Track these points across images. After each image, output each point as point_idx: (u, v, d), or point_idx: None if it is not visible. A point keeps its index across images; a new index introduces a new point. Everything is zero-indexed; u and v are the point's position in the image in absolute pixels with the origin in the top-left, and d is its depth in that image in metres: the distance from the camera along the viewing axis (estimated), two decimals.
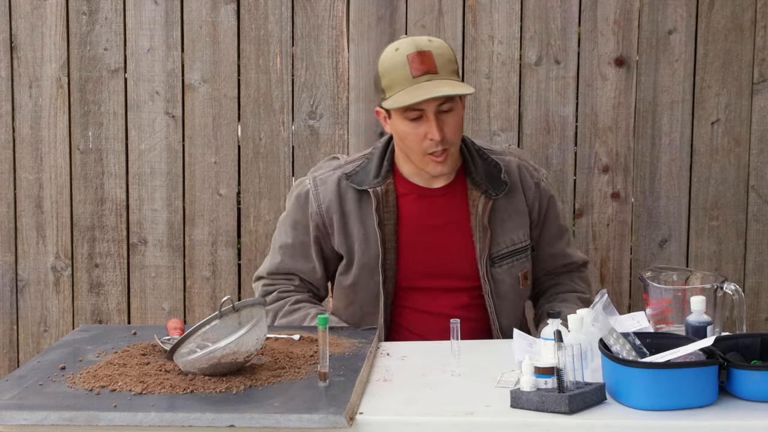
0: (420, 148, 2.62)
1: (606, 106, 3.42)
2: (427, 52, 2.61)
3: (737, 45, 3.38)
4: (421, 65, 2.59)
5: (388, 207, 2.70)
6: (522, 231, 2.75)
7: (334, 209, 2.72)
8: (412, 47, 2.62)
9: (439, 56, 2.62)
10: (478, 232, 2.69)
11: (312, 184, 2.76)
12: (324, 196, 2.73)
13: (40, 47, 3.50)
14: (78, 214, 3.55)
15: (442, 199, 2.73)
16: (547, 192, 2.80)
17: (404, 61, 2.60)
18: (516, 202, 2.75)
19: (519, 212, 2.75)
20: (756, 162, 3.43)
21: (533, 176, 2.79)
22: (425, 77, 2.59)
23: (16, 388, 2.12)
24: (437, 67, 2.60)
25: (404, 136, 2.64)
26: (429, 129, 2.59)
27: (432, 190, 2.73)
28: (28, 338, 3.60)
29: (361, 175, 2.73)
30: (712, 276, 2.41)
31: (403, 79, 2.59)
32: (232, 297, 2.23)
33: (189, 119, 3.50)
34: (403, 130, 2.63)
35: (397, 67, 2.61)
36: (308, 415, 1.94)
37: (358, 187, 2.71)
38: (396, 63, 2.62)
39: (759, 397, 2.01)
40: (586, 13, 3.40)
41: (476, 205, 2.69)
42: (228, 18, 3.46)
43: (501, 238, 2.72)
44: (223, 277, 3.53)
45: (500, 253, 2.72)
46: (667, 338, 2.17)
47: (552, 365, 2.00)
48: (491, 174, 2.73)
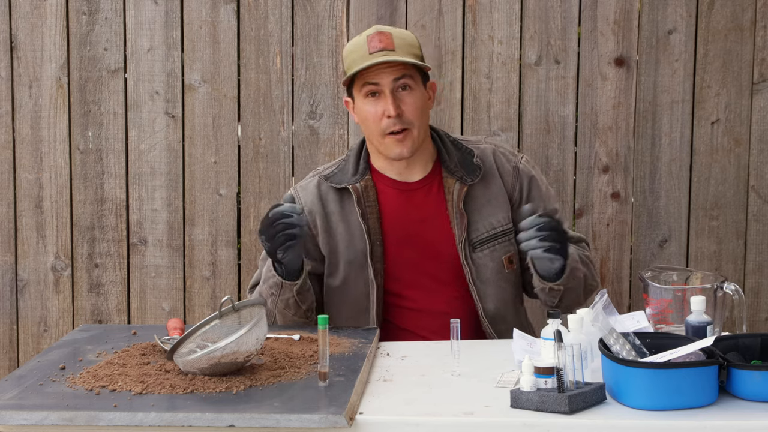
0: (379, 127, 2.65)
1: (606, 106, 3.42)
2: (387, 33, 2.68)
3: (737, 45, 3.38)
4: (379, 43, 2.65)
5: (369, 201, 2.73)
6: (502, 215, 2.74)
7: (316, 210, 2.75)
8: (372, 30, 2.70)
9: (400, 38, 2.68)
10: (455, 218, 2.70)
11: (294, 191, 2.82)
12: (306, 199, 2.76)
13: (40, 47, 3.50)
14: (78, 214, 3.55)
15: (420, 192, 2.75)
16: (526, 173, 2.78)
17: (363, 41, 2.67)
18: (493, 187, 2.75)
19: (497, 197, 2.75)
20: (756, 162, 3.43)
21: (510, 160, 2.79)
22: (381, 53, 2.64)
23: (16, 388, 2.12)
24: (395, 46, 2.65)
25: (365, 117, 2.67)
26: (386, 105, 2.63)
27: (409, 184, 2.75)
28: (28, 338, 3.60)
29: (339, 175, 2.77)
30: (712, 276, 2.41)
31: (360, 56, 2.65)
32: (232, 297, 2.23)
33: (189, 119, 3.50)
34: (364, 110, 2.67)
35: (357, 48, 2.67)
36: (308, 415, 1.94)
37: (337, 186, 2.74)
38: (356, 44, 2.69)
39: (759, 397, 2.01)
40: (586, 13, 3.40)
41: (451, 192, 2.71)
42: (228, 18, 3.46)
43: (480, 224, 2.72)
44: (223, 277, 3.53)
45: (480, 238, 2.72)
46: (667, 338, 2.17)
47: (552, 365, 2.00)
48: (465, 161, 2.75)
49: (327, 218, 2.75)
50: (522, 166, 2.79)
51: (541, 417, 1.96)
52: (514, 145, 3.43)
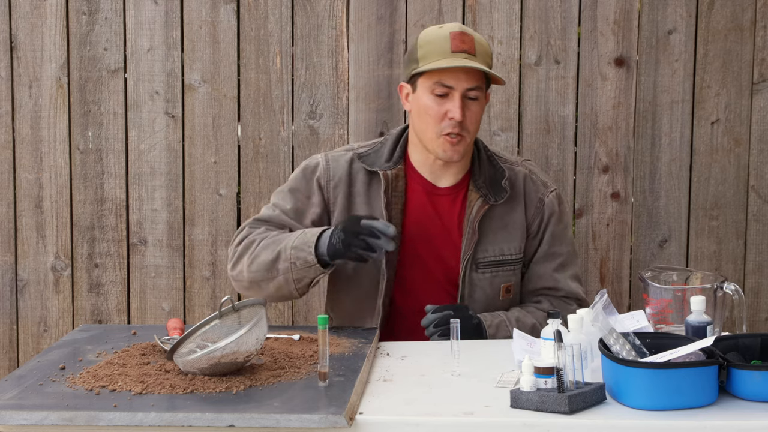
0: (438, 126, 2.62)
1: (606, 106, 3.42)
2: (470, 35, 2.64)
3: (737, 45, 3.38)
4: (462, 44, 2.61)
5: (396, 192, 2.70)
6: (514, 244, 2.73)
7: (341, 188, 2.72)
8: (456, 27, 2.65)
9: (480, 45, 2.65)
10: (467, 233, 2.68)
11: (323, 159, 2.77)
12: (334, 172, 2.73)
13: (40, 47, 3.50)
14: (78, 214, 3.55)
15: (445, 199, 2.72)
16: (550, 208, 2.76)
17: (446, 36, 2.62)
18: (515, 213, 2.73)
19: (516, 224, 2.73)
20: (756, 162, 3.43)
21: (539, 190, 2.76)
22: (463, 55, 2.60)
23: (16, 388, 2.12)
24: (476, 52, 2.62)
25: (425, 110, 2.63)
26: (452, 107, 2.59)
27: (437, 188, 2.73)
28: (28, 338, 3.60)
29: (373, 157, 2.74)
30: (712, 276, 2.41)
31: (441, 51, 2.61)
32: (232, 297, 2.23)
33: (189, 119, 3.50)
34: (426, 103, 2.62)
35: (438, 40, 2.62)
36: (308, 415, 1.94)
37: (369, 168, 2.71)
38: (437, 36, 2.63)
39: (759, 397, 2.01)
40: (586, 13, 3.40)
41: (471, 206, 2.69)
42: (228, 18, 3.46)
43: (490, 246, 2.70)
44: (223, 277, 3.53)
45: (485, 260, 2.70)
46: (667, 338, 2.17)
47: (552, 365, 2.00)
48: (495, 180, 2.72)
49: (350, 197, 2.72)
50: (548, 200, 2.76)
51: (541, 417, 1.96)
52: (514, 145, 3.43)
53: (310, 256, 2.54)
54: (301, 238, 2.58)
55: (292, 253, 2.57)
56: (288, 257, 2.57)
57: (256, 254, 2.63)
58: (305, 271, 2.56)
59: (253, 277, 2.63)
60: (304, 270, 2.56)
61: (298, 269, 2.57)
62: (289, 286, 2.60)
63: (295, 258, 2.56)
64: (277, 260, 2.59)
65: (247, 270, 2.64)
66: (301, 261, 2.56)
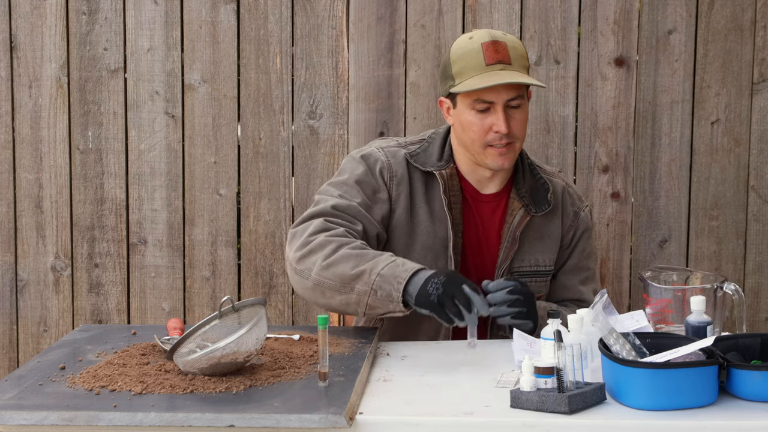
0: (483, 139, 2.57)
1: (606, 106, 3.42)
2: (502, 42, 2.58)
3: (737, 45, 3.38)
4: (496, 54, 2.56)
5: (454, 191, 2.65)
6: (549, 255, 2.71)
7: (404, 186, 2.65)
8: (486, 36, 2.59)
9: (513, 49, 2.59)
10: (506, 241, 2.65)
11: (383, 153, 2.67)
12: (396, 169, 2.65)
13: (39, 47, 3.50)
14: (78, 214, 3.55)
15: (488, 207, 2.70)
16: (585, 223, 2.76)
17: (478, 49, 2.56)
18: (552, 225, 2.72)
19: (552, 236, 2.71)
20: (756, 162, 3.43)
21: (575, 204, 2.76)
22: (499, 66, 2.55)
23: (16, 388, 2.12)
24: (511, 59, 2.57)
25: (468, 126, 2.58)
26: (496, 121, 2.55)
27: (481, 195, 2.69)
28: (27, 338, 3.60)
29: (423, 156, 2.68)
30: (712, 276, 2.41)
31: (476, 65, 2.55)
32: (232, 297, 2.23)
33: (189, 119, 3.50)
34: (469, 120, 2.58)
35: (471, 54, 2.57)
36: (308, 415, 1.94)
37: (422, 168, 2.66)
38: (470, 50, 2.58)
39: (759, 397, 2.01)
40: (586, 13, 3.40)
41: (513, 215, 2.66)
42: (228, 18, 3.46)
43: (527, 256, 2.69)
44: (223, 277, 3.53)
45: (521, 270, 2.68)
46: (667, 338, 2.17)
47: (552, 365, 2.00)
48: (537, 191, 2.70)
49: (412, 197, 2.65)
50: (583, 215, 2.76)
51: (541, 417, 1.96)
52: None
53: (396, 293, 2.37)
54: (391, 268, 2.39)
55: (377, 280, 2.39)
56: (371, 281, 2.39)
57: (334, 261, 2.44)
58: (384, 302, 2.39)
59: (322, 283, 2.45)
60: (383, 302, 2.39)
61: (378, 299, 2.39)
62: (359, 308, 2.44)
63: (378, 287, 2.38)
64: (356, 279, 2.41)
65: (317, 272, 2.46)
66: (384, 293, 2.38)
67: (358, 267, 2.41)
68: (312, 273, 2.46)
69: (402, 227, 2.64)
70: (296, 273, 2.50)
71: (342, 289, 2.43)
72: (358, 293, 2.41)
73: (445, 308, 2.32)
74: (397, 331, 2.70)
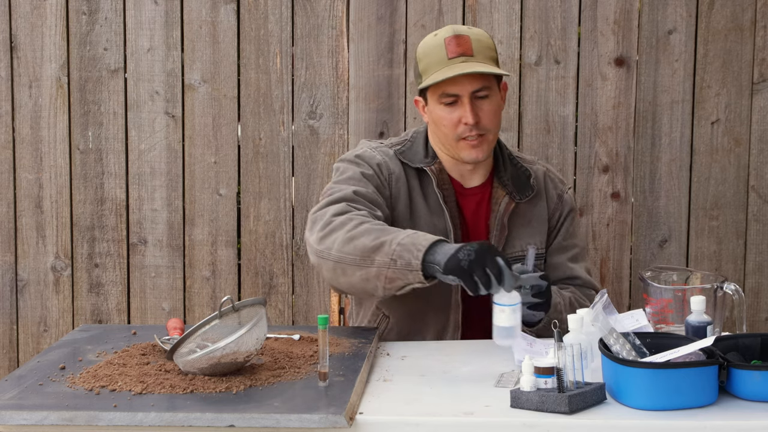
0: (454, 132, 2.60)
1: (606, 106, 3.42)
2: (465, 36, 2.60)
3: (737, 45, 3.38)
4: (457, 47, 2.58)
5: (445, 185, 2.68)
6: (538, 238, 2.73)
7: (402, 182, 2.67)
8: (450, 32, 2.62)
9: (477, 41, 2.61)
10: (495, 229, 2.67)
11: (378, 152, 2.69)
12: (393, 167, 2.67)
13: (40, 47, 3.50)
14: (78, 214, 3.55)
15: (473, 200, 2.71)
16: (569, 204, 2.79)
17: (441, 44, 2.60)
18: (538, 209, 2.74)
19: (539, 219, 2.73)
20: (756, 162, 3.43)
21: (557, 187, 2.78)
22: (460, 59, 2.57)
23: (16, 388, 2.12)
24: (473, 51, 2.59)
25: (439, 120, 2.61)
26: (463, 113, 2.57)
27: (465, 189, 2.72)
28: (28, 338, 3.60)
29: (410, 154, 2.71)
30: (712, 276, 2.41)
31: (439, 60, 2.59)
32: (232, 297, 2.23)
33: (189, 119, 3.50)
34: (439, 114, 2.61)
35: (434, 50, 2.60)
36: (308, 415, 1.94)
37: (411, 164, 2.68)
38: (433, 46, 2.61)
39: (759, 397, 2.01)
40: (586, 13, 3.40)
41: (499, 203, 2.68)
42: (228, 18, 3.46)
43: (517, 241, 2.70)
44: (223, 277, 3.53)
45: (513, 256, 2.68)
46: (667, 338, 2.17)
47: (552, 365, 2.00)
48: (518, 178, 2.72)
49: (410, 194, 2.68)
50: (567, 197, 2.80)
51: (541, 417, 1.96)
52: (514, 145, 3.43)
53: (415, 260, 2.30)
54: (412, 238, 2.34)
55: (397, 250, 2.32)
56: (390, 252, 2.33)
57: (354, 235, 2.39)
58: (403, 273, 2.32)
59: (343, 258, 2.39)
60: (403, 272, 2.32)
61: (397, 268, 2.32)
62: (379, 282, 2.37)
63: (398, 256, 2.32)
64: (377, 250, 2.35)
65: (338, 248, 2.40)
66: (404, 261, 2.31)
67: (378, 239, 2.36)
68: (332, 251, 2.41)
69: (404, 223, 2.65)
70: (317, 255, 2.45)
71: (362, 262, 2.36)
72: (378, 265, 2.34)
73: (474, 275, 2.23)
74: (403, 325, 2.69)
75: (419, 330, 2.68)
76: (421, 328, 2.68)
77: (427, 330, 2.68)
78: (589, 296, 2.72)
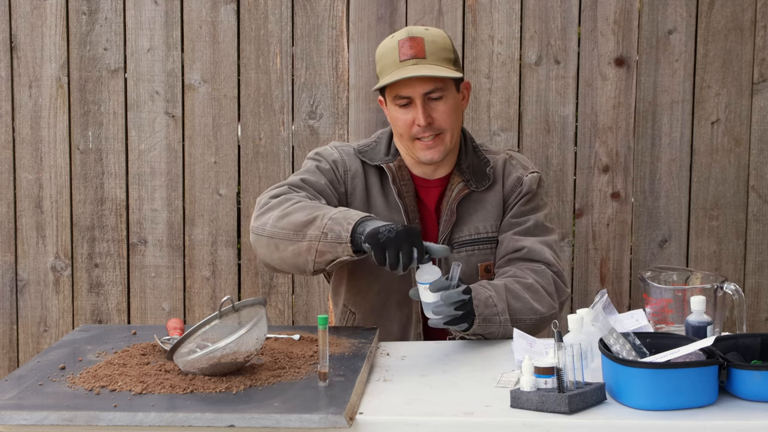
0: (409, 133, 2.65)
1: (606, 106, 3.42)
2: (418, 38, 2.63)
3: (737, 45, 3.38)
4: (410, 50, 2.62)
5: (404, 180, 2.72)
6: (491, 222, 2.73)
7: (359, 179, 2.73)
8: (404, 34, 2.66)
9: (431, 43, 2.63)
10: (445, 215, 2.70)
11: (336, 150, 2.76)
12: (350, 164, 2.73)
13: (40, 47, 3.50)
14: (78, 214, 3.55)
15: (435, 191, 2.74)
16: (528, 185, 2.72)
17: (395, 46, 2.64)
18: (492, 195, 2.74)
19: (493, 203, 2.73)
20: (756, 162, 3.43)
21: (518, 171, 2.74)
22: (411, 62, 2.61)
23: (16, 388, 2.12)
24: (426, 53, 2.62)
25: (395, 121, 2.67)
26: (415, 114, 2.62)
27: (429, 181, 2.74)
28: (28, 338, 3.60)
29: (371, 153, 2.76)
30: (712, 276, 2.41)
31: (391, 62, 2.63)
32: (232, 297, 2.23)
33: (189, 119, 3.50)
34: (394, 115, 2.66)
35: (389, 52, 2.65)
36: (308, 415, 1.94)
37: (370, 163, 2.73)
38: (388, 48, 2.66)
39: (759, 397, 2.01)
40: (586, 13, 3.40)
41: (452, 189, 2.71)
42: (228, 18, 3.46)
43: (466, 226, 2.71)
44: (223, 277, 3.53)
45: (461, 240, 2.70)
46: (667, 338, 2.17)
47: (552, 365, 2.00)
48: (478, 168, 2.74)
49: (367, 190, 2.73)
50: (527, 179, 2.73)
51: (541, 417, 1.96)
52: (514, 145, 3.43)
53: (345, 233, 2.35)
54: (343, 213, 2.41)
55: (328, 224, 2.38)
56: (321, 225, 2.39)
57: (288, 212, 2.46)
58: (332, 246, 2.37)
59: (276, 233, 2.45)
60: (332, 245, 2.37)
61: (327, 242, 2.38)
62: (309, 256, 2.41)
63: (329, 229, 2.38)
64: (309, 224, 2.41)
65: (272, 224, 2.46)
66: (334, 234, 2.37)
67: (311, 214, 2.43)
68: (267, 226, 2.47)
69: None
70: (253, 231, 2.52)
71: (294, 237, 2.43)
72: (309, 239, 2.40)
73: (387, 251, 2.29)
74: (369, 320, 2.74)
75: (384, 324, 2.71)
76: (385, 322, 2.72)
77: (392, 324, 2.73)
78: (537, 271, 2.61)
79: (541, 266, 2.63)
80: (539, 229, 2.71)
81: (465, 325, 2.42)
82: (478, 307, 2.45)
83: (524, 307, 2.53)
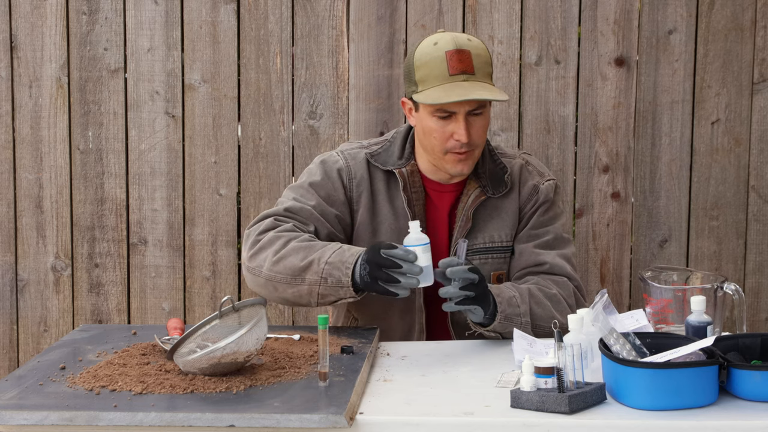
0: (443, 146, 2.60)
1: (606, 106, 3.42)
2: (466, 51, 2.57)
3: (737, 45, 3.38)
4: (459, 63, 2.56)
5: (415, 187, 2.68)
6: (506, 231, 2.71)
7: (364, 186, 2.70)
8: (451, 44, 2.58)
9: (477, 57, 2.59)
10: (460, 220, 2.68)
11: (342, 156, 2.73)
12: (356, 171, 2.70)
13: (40, 47, 3.50)
14: (78, 214, 3.55)
15: (451, 196, 2.72)
16: (545, 194, 2.73)
17: (442, 57, 2.57)
18: (509, 202, 2.72)
19: (508, 211, 2.72)
20: (756, 162, 3.43)
21: (534, 178, 2.75)
22: (462, 77, 2.55)
23: (16, 388, 2.12)
24: (474, 68, 2.57)
25: (429, 131, 2.60)
26: (456, 129, 2.57)
27: (444, 186, 2.72)
28: (28, 338, 3.60)
29: (384, 156, 2.72)
30: (712, 276, 2.41)
31: (440, 75, 2.56)
32: (232, 297, 2.23)
33: (189, 119, 3.50)
34: (429, 126, 2.60)
35: (435, 62, 2.57)
36: (308, 415, 1.94)
37: (382, 167, 2.70)
38: (434, 57, 2.58)
39: (759, 397, 2.01)
40: (586, 13, 3.40)
41: (468, 195, 2.69)
42: (228, 18, 3.46)
43: (480, 234, 2.69)
44: (223, 277, 3.53)
45: (476, 247, 2.69)
46: (667, 338, 2.17)
47: (552, 365, 2.00)
48: (495, 174, 2.72)
49: (373, 196, 2.70)
50: (543, 187, 2.74)
51: (541, 417, 1.96)
52: (514, 145, 3.43)
53: (345, 278, 2.43)
54: (338, 255, 2.46)
55: (326, 269, 2.45)
56: (320, 270, 2.46)
57: (283, 255, 2.51)
58: (334, 289, 2.46)
59: (274, 278, 2.51)
60: (334, 288, 2.45)
61: (328, 286, 2.46)
62: (311, 298, 2.50)
63: (328, 274, 2.45)
64: (306, 269, 2.47)
65: (268, 267, 2.52)
66: (334, 279, 2.44)
67: (306, 258, 2.48)
68: (263, 269, 2.53)
69: (365, 226, 2.69)
70: (249, 271, 2.58)
71: (293, 281, 2.50)
72: (309, 284, 2.48)
73: (379, 282, 2.37)
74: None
75: (386, 332, 2.68)
76: (387, 330, 2.69)
77: (394, 332, 2.71)
78: (559, 283, 2.64)
79: (563, 279, 2.66)
80: (558, 241, 2.73)
81: (480, 310, 2.42)
82: (501, 304, 2.49)
83: (545, 314, 2.55)
